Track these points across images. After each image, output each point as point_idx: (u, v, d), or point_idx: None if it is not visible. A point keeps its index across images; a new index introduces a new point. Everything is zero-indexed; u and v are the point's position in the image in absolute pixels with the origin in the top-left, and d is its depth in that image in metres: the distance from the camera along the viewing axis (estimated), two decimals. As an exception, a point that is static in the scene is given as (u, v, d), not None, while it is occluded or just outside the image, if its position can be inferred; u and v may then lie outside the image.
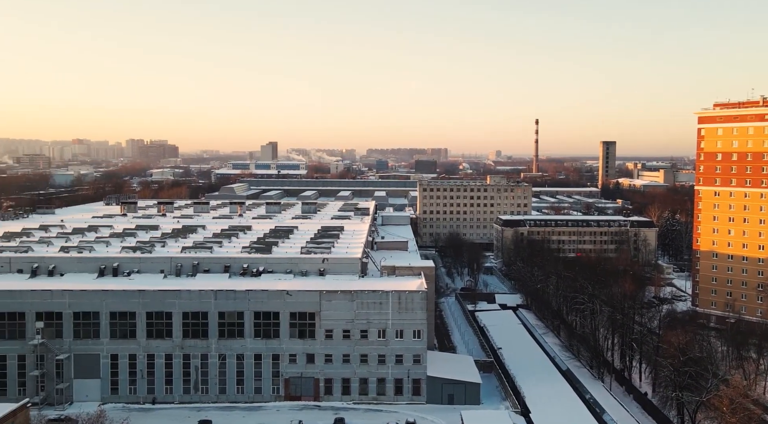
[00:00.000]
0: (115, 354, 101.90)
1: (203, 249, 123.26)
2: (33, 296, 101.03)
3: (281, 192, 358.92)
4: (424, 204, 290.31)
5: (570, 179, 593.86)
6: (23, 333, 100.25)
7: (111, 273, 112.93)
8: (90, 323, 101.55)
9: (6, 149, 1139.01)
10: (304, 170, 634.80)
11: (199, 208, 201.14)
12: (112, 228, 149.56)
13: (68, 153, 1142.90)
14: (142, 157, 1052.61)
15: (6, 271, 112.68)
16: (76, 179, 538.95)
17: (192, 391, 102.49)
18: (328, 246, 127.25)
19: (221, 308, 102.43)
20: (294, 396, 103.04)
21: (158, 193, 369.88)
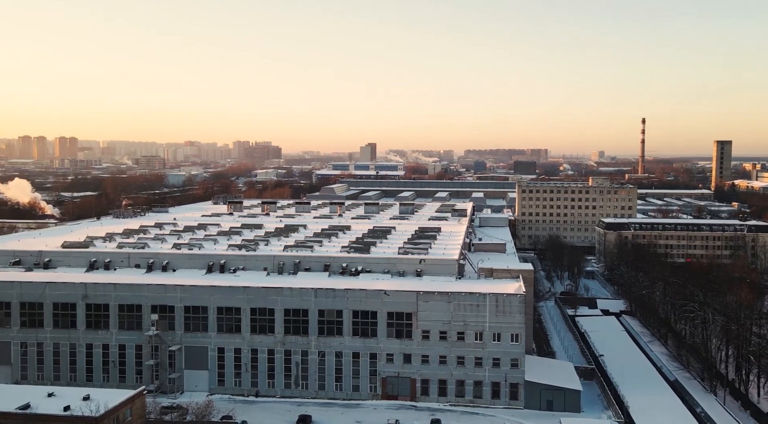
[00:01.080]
0: (222, 347, 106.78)
1: (304, 248, 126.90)
2: (149, 290, 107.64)
3: (379, 193, 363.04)
4: (522, 206, 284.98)
5: (679, 181, 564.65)
6: (140, 324, 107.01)
7: (218, 270, 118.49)
8: (199, 317, 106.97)
9: (126, 151, 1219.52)
10: (402, 171, 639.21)
11: (301, 208, 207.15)
12: (219, 226, 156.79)
13: (181, 154, 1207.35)
14: (247, 158, 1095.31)
15: (125, 265, 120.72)
16: (188, 179, 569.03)
17: (293, 386, 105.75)
18: (426, 247, 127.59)
19: (321, 305, 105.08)
20: (391, 395, 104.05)
21: (262, 193, 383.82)
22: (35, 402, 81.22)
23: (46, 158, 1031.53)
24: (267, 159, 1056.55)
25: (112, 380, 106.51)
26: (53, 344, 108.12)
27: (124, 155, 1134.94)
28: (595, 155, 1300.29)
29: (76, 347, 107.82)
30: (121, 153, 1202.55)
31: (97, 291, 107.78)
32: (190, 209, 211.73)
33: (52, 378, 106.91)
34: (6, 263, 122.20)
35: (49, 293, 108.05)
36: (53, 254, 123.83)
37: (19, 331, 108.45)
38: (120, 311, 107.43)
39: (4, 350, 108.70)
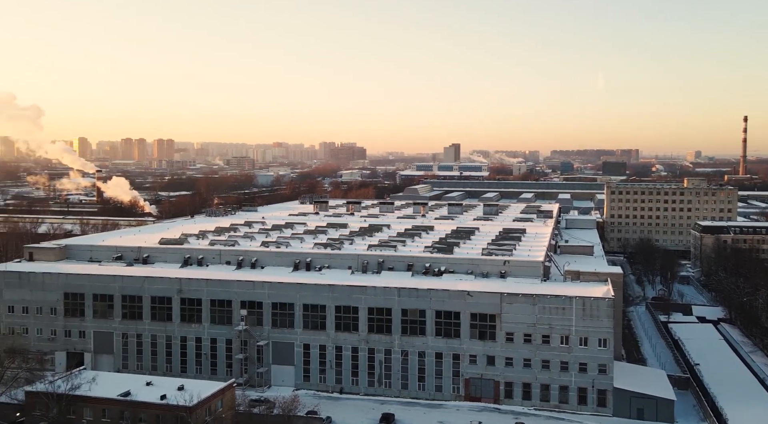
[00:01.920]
0: (308, 344, 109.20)
1: (388, 247, 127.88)
2: (238, 286, 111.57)
3: (463, 193, 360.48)
4: (611, 208, 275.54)
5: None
6: (230, 319, 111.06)
7: (304, 267, 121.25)
8: (286, 314, 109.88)
9: (219, 152, 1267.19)
10: (486, 172, 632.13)
11: (385, 208, 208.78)
12: (305, 225, 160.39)
13: (269, 155, 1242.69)
14: (333, 159, 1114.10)
15: (217, 262, 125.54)
16: (276, 180, 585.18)
17: (376, 384, 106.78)
18: (510, 248, 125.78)
19: (404, 305, 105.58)
20: (474, 397, 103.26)
21: (347, 193, 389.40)
22: (135, 390, 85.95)
23: (145, 159, 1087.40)
24: (352, 160, 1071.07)
25: (204, 372, 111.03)
26: (151, 336, 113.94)
27: (216, 156, 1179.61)
28: (690, 155, 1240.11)
29: (171, 339, 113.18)
30: (214, 154, 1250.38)
31: (191, 286, 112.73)
32: (278, 209, 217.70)
33: (150, 368, 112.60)
34: (109, 258, 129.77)
35: (148, 287, 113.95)
36: (151, 250, 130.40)
37: (120, 322, 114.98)
38: (212, 306, 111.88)
39: (107, 339, 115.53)
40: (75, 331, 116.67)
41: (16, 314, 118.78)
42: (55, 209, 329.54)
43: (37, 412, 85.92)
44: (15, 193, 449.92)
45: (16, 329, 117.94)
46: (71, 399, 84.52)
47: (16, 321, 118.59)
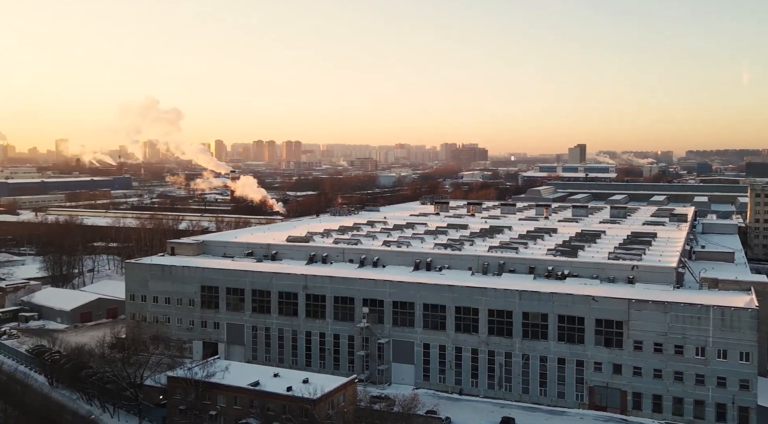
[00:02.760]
0: (427, 343, 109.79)
1: (509, 249, 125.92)
2: (361, 284, 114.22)
3: (588, 195, 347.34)
4: (756, 212, 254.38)
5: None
6: (352, 316, 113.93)
7: (424, 267, 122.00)
8: (406, 312, 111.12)
9: (343, 153, 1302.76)
10: (613, 173, 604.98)
11: (506, 209, 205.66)
12: (426, 226, 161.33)
13: (391, 157, 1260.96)
14: (454, 160, 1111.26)
15: (340, 260, 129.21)
16: (398, 180, 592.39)
17: (496, 387, 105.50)
18: (639, 253, 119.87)
19: (525, 308, 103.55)
20: (599, 406, 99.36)
21: (468, 194, 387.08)
22: (263, 380, 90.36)
23: (275, 160, 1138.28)
24: (473, 161, 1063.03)
25: (327, 366, 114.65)
26: (278, 330, 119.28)
27: (341, 157, 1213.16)
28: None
29: (297, 333, 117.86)
30: (339, 155, 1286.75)
31: (316, 283, 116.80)
32: (400, 209, 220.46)
33: (277, 360, 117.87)
34: (241, 253, 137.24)
35: (275, 283, 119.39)
36: (279, 247, 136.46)
37: (251, 315, 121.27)
38: (335, 303, 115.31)
39: (238, 331, 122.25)
40: (210, 322, 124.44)
41: (159, 304, 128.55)
42: (194, 208, 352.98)
43: (177, 396, 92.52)
44: (159, 193, 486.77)
45: (159, 317, 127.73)
46: (206, 386, 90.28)
47: (159, 310, 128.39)
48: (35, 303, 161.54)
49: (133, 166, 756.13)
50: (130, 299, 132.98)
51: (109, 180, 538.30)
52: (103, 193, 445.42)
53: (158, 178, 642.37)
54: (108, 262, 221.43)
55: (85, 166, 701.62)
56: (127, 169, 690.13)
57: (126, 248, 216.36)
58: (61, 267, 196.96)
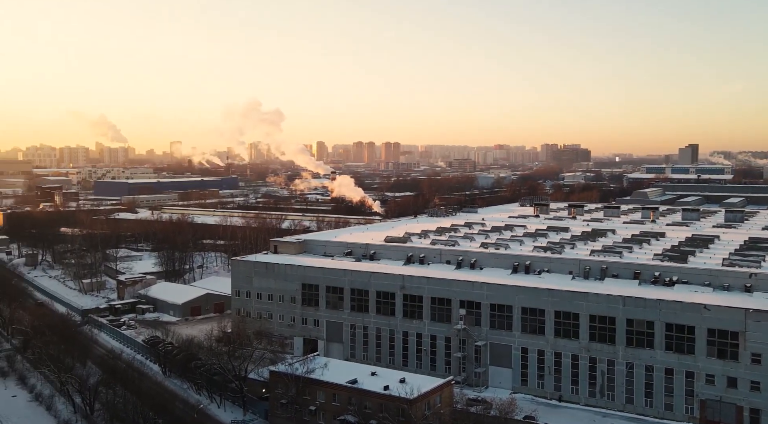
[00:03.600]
0: (525, 348, 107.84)
1: (612, 253, 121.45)
2: (458, 286, 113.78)
3: (700, 198, 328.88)
4: None
5: None
6: (449, 317, 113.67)
7: (523, 270, 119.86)
8: (504, 316, 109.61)
9: (441, 154, 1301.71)
10: (729, 175, 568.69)
11: (610, 212, 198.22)
12: (525, 228, 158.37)
13: (490, 158, 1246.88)
14: (555, 161, 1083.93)
15: (438, 261, 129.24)
16: (496, 181, 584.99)
17: (597, 395, 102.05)
18: (758, 260, 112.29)
19: (630, 315, 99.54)
20: (711, 421, 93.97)
21: (569, 196, 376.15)
22: (361, 379, 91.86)
23: (374, 161, 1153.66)
24: (575, 162, 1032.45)
25: (424, 367, 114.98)
26: (376, 329, 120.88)
27: (439, 158, 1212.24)
28: None
29: (394, 333, 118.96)
30: (437, 156, 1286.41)
31: (413, 283, 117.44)
32: (498, 210, 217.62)
33: (374, 359, 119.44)
34: (341, 253, 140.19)
35: (374, 282, 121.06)
36: (377, 247, 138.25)
37: (349, 314, 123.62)
38: (432, 304, 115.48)
39: (337, 329, 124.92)
40: (310, 319, 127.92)
41: (263, 300, 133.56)
42: (296, 207, 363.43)
43: (279, 390, 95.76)
44: (264, 193, 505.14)
45: (263, 313, 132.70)
46: (307, 382, 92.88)
47: (263, 307, 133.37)
48: (150, 296, 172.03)
49: (240, 167, 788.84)
50: (235, 294, 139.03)
51: (217, 180, 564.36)
52: (212, 193, 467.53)
53: (263, 179, 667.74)
54: (216, 259, 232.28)
55: (196, 167, 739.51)
56: (234, 170, 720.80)
57: (232, 246, 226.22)
58: (174, 263, 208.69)
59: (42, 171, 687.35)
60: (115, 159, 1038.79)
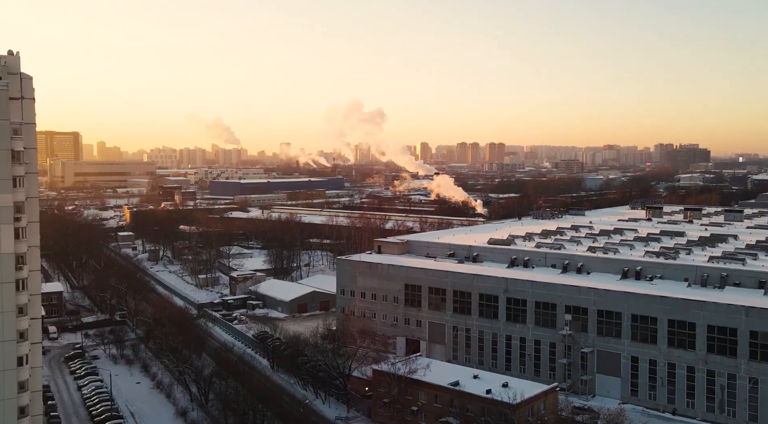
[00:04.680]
0: (636, 357, 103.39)
1: (734, 261, 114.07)
2: (563, 290, 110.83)
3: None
4: None
5: None
6: (554, 322, 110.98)
7: (633, 276, 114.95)
8: (612, 322, 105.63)
9: (547, 155, 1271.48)
10: None
11: (731, 216, 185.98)
12: (636, 232, 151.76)
13: (599, 158, 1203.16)
14: (669, 161, 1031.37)
15: (542, 265, 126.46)
16: (605, 183, 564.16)
17: (716, 410, 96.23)
18: None
19: (754, 326, 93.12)
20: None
21: (685, 199, 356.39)
22: (463, 381, 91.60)
23: (478, 162, 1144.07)
24: (692, 162, 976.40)
25: (527, 372, 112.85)
26: (478, 331, 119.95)
27: (544, 159, 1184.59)
28: None
29: (497, 336, 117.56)
30: (542, 157, 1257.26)
31: (517, 286, 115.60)
32: (606, 213, 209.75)
33: (477, 362, 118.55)
34: (444, 254, 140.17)
35: (476, 284, 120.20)
36: (480, 249, 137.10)
37: (452, 315, 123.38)
38: (536, 308, 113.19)
39: (440, 330, 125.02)
40: (413, 320, 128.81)
41: (366, 300, 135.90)
42: (399, 208, 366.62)
43: (382, 389, 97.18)
44: (368, 193, 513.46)
45: (366, 312, 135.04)
46: (409, 382, 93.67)
47: (366, 306, 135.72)
48: (260, 293, 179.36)
49: (345, 167, 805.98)
50: (340, 293, 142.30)
51: (324, 181, 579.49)
52: (319, 193, 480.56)
53: (373, 179, 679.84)
54: (321, 257, 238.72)
55: (303, 167, 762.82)
56: (339, 171, 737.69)
57: (337, 245, 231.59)
58: (282, 261, 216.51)
59: (164, 171, 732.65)
60: (229, 160, 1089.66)
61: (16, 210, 69.79)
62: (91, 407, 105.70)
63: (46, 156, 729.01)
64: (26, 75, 72.47)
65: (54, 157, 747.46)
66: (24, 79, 72.15)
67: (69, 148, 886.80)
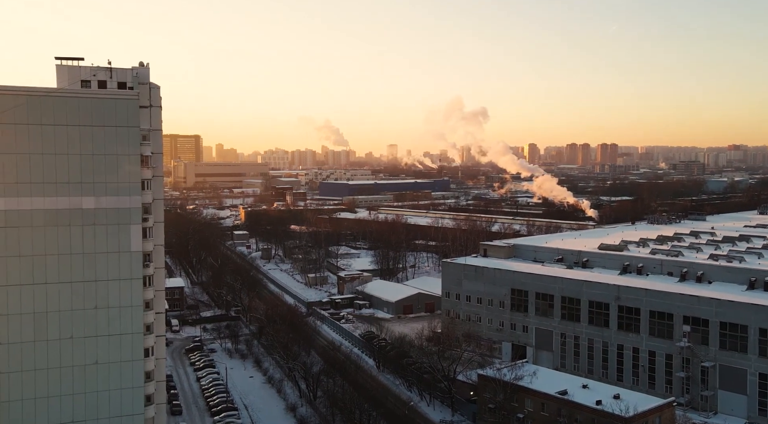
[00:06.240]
0: (765, 374, 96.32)
1: None
2: (681, 300, 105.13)
3: None
4: None
5: None
6: (671, 333, 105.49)
7: (762, 287, 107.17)
8: (737, 336, 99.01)
9: (664, 156, 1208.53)
10: None
11: None
12: (765, 239, 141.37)
13: (723, 159, 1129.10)
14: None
15: (657, 272, 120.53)
16: (729, 186, 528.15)
17: None
18: None
19: None
20: None
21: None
22: (571, 390, 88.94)
23: (588, 164, 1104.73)
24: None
25: (641, 384, 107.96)
26: (588, 339, 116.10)
27: (660, 160, 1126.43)
28: None
29: (608, 345, 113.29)
30: (658, 158, 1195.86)
31: (629, 294, 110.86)
32: (731, 218, 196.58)
33: (586, 371, 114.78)
34: (551, 259, 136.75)
35: (586, 291, 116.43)
36: (590, 254, 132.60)
37: (559, 322, 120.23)
38: (651, 317, 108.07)
39: (547, 337, 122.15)
40: (519, 325, 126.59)
41: (471, 303, 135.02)
42: (506, 210, 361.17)
43: (487, 394, 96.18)
44: (474, 195, 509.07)
45: (471, 316, 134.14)
46: (515, 388, 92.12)
47: (472, 309, 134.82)
48: (366, 293, 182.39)
49: (451, 168, 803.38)
50: (445, 296, 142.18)
51: (429, 182, 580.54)
52: (425, 195, 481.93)
53: (473, 181, 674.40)
54: (427, 259, 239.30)
55: (410, 169, 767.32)
56: (446, 172, 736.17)
57: (443, 247, 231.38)
58: (388, 261, 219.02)
59: (276, 172, 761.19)
60: (337, 161, 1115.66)
61: (143, 211, 74.98)
62: (209, 397, 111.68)
63: (169, 158, 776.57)
64: (154, 85, 77.55)
65: (177, 158, 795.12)
66: (153, 89, 77.28)
67: (191, 150, 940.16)
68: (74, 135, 71.20)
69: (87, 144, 71.87)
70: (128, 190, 73.32)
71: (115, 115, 72.83)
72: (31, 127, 69.92)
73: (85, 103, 71.89)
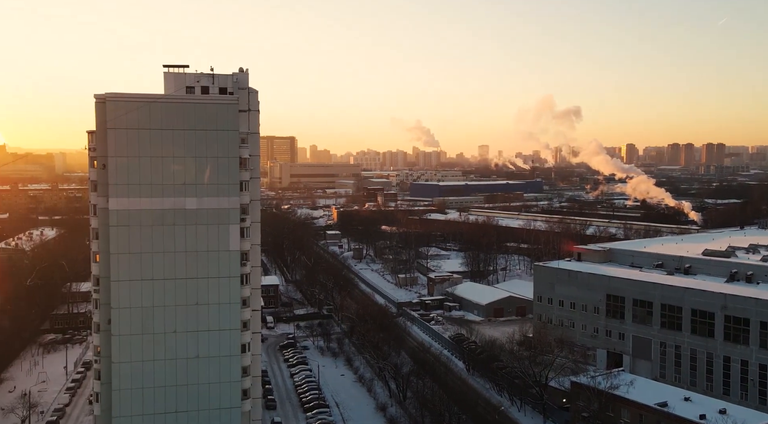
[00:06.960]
0: None
1: None
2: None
3: None
4: None
5: None
6: None
7: None
8: None
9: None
10: None
11: None
12: None
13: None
14: None
15: None
16: None
17: None
18: None
19: None
20: None
21: None
22: (672, 402, 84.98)
23: (692, 165, 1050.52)
24: None
25: (750, 399, 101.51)
26: (690, 350, 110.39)
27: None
28: None
29: (713, 356, 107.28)
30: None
31: (737, 304, 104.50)
32: None
33: (688, 383, 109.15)
34: (650, 264, 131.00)
35: (688, 299, 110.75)
36: (693, 260, 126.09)
37: (659, 330, 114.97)
38: (762, 329, 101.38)
39: (645, 345, 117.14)
40: (615, 332, 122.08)
41: (565, 308, 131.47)
42: (602, 213, 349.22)
43: (580, 402, 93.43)
44: (568, 197, 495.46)
45: (564, 321, 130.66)
46: (610, 397, 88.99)
47: (564, 314, 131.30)
48: (456, 294, 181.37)
49: (545, 170, 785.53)
50: (537, 300, 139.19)
51: (522, 184, 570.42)
52: (517, 196, 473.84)
53: (568, 183, 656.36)
54: (518, 262, 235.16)
55: (501, 170, 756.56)
56: (539, 174, 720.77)
57: (535, 250, 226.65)
58: (478, 264, 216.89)
59: (368, 173, 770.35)
60: (428, 162, 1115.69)
61: (241, 211, 78.02)
62: (302, 394, 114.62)
63: (266, 159, 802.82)
64: (253, 89, 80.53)
65: (273, 159, 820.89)
66: (251, 93, 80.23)
67: (286, 152, 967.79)
68: (179, 139, 75.11)
69: (191, 147, 75.66)
70: (227, 192, 76.52)
71: (217, 119, 76.26)
72: (141, 132, 74.34)
73: (189, 108, 75.72)
